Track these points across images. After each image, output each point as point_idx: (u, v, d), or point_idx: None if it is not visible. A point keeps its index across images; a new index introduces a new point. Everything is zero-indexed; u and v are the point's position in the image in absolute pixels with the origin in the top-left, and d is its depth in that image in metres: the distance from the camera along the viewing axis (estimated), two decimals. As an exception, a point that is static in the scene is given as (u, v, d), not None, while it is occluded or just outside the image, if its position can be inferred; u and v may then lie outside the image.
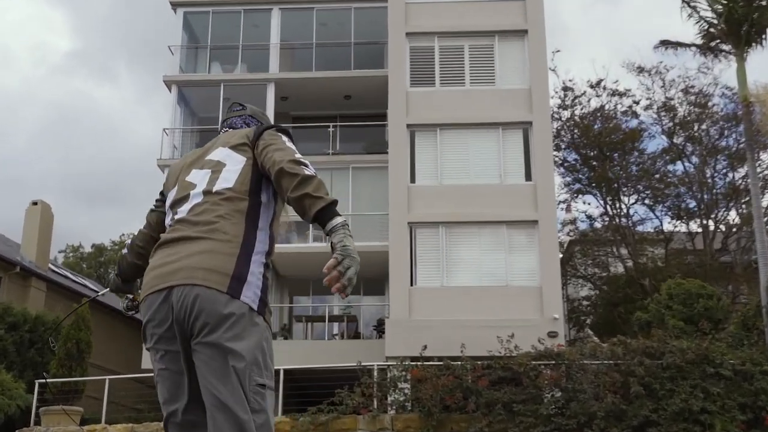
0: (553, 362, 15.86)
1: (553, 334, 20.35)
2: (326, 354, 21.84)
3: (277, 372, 18.89)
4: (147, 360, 22.81)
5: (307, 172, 2.83)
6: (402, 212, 22.66)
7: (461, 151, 23.41)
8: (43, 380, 17.95)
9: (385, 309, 24.21)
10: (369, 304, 26.16)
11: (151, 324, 2.84)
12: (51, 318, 25.06)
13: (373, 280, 24.36)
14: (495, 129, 23.40)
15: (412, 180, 23.19)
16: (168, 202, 3.12)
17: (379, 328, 24.00)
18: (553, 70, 31.86)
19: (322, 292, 26.22)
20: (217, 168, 3.01)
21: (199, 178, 3.02)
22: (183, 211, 2.97)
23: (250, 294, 2.79)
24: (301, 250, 24.08)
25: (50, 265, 31.11)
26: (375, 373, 16.78)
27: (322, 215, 2.76)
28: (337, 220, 2.75)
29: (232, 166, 3.00)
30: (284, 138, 3.07)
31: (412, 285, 22.15)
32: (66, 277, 32.01)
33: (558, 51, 53.60)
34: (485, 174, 23.07)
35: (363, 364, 16.79)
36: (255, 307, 2.79)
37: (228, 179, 2.97)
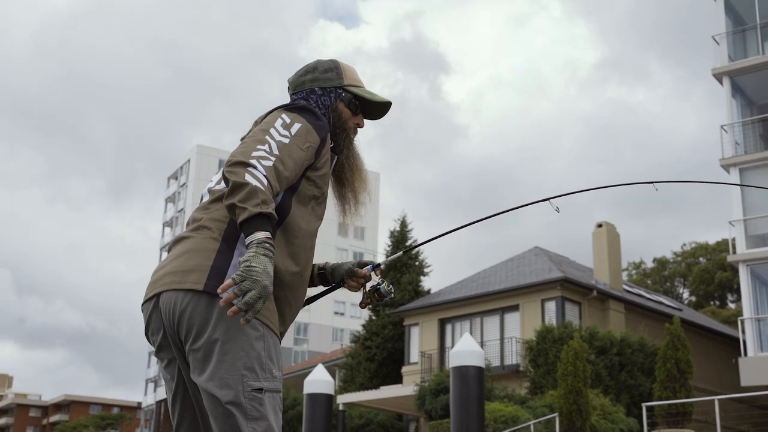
0: None
1: None
2: None
3: None
4: (747, 378, 22.43)
5: (239, 179, 2.54)
6: None
7: None
8: (649, 403, 18.52)
9: None
10: None
11: (149, 333, 2.80)
12: (635, 339, 25.91)
13: None
14: None
15: None
16: None
17: None
18: None
19: None
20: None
21: (215, 177, 2.94)
22: None
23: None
24: None
25: (623, 285, 32.31)
26: None
27: (245, 228, 2.52)
28: (257, 236, 2.49)
29: None
30: (283, 118, 2.81)
31: None
32: (640, 295, 32.91)
33: None
34: None
35: None
36: None
37: None
